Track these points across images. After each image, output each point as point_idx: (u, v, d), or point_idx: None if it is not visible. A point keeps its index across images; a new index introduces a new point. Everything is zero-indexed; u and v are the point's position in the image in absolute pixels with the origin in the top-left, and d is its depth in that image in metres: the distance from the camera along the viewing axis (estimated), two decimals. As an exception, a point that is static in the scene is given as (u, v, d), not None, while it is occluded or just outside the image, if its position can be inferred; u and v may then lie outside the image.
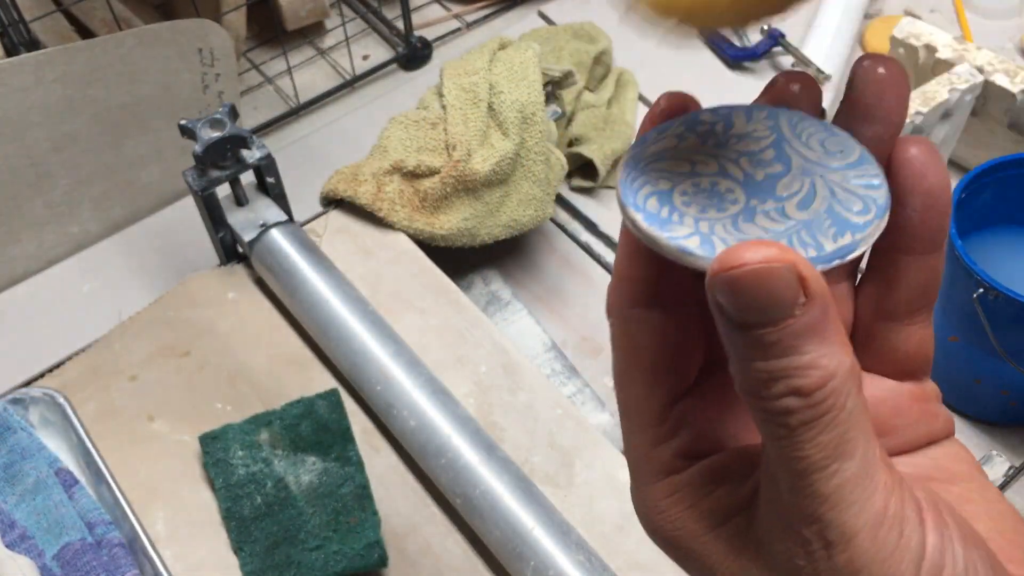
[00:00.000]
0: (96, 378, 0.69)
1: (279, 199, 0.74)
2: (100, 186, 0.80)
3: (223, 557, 0.60)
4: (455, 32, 1.02)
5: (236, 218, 0.73)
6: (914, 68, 0.81)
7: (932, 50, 0.79)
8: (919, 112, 0.73)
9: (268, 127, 0.91)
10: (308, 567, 0.58)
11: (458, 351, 0.70)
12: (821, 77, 0.89)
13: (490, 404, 0.68)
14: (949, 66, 0.78)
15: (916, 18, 0.84)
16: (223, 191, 0.71)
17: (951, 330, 0.67)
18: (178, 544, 0.61)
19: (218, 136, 0.67)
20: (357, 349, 0.66)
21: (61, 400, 0.64)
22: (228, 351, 0.70)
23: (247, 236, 0.72)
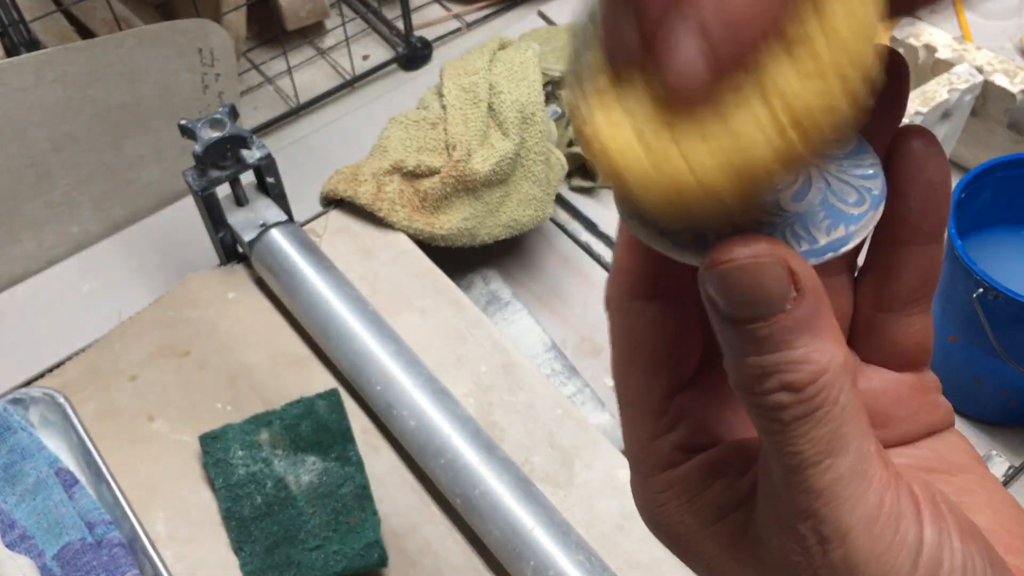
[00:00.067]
0: (96, 378, 0.69)
1: (279, 199, 0.74)
2: (100, 186, 0.80)
3: (223, 557, 0.60)
4: (455, 32, 1.02)
5: (236, 218, 0.73)
6: (914, 68, 0.81)
7: (932, 50, 0.79)
8: (919, 112, 0.73)
9: (268, 127, 0.91)
10: (308, 567, 0.58)
11: (458, 351, 0.70)
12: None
13: (490, 404, 0.68)
14: (949, 66, 0.78)
15: (916, 18, 0.84)
16: (223, 191, 0.71)
17: (951, 330, 0.67)
18: (178, 544, 0.61)
19: (218, 136, 0.67)
20: (357, 349, 0.66)
21: (61, 400, 0.64)
22: (228, 351, 0.70)
23: (247, 236, 0.72)
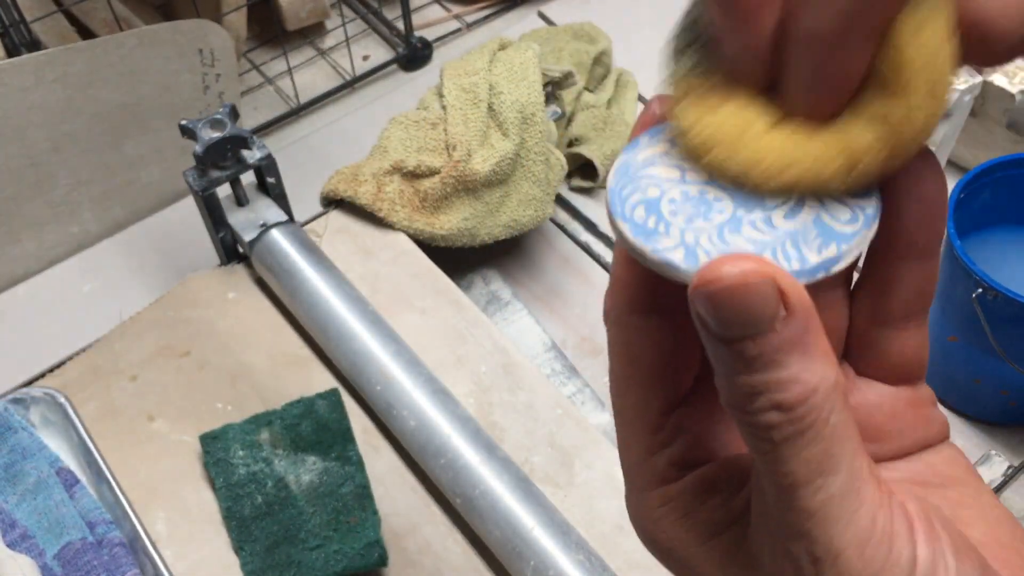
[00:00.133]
0: (97, 378, 0.69)
1: (279, 199, 0.74)
2: (100, 186, 0.80)
3: (223, 556, 0.60)
4: (455, 32, 1.02)
5: (236, 218, 0.73)
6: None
7: (931, 50, 0.79)
8: (918, 112, 0.73)
9: (268, 127, 0.91)
10: (308, 566, 0.58)
11: (458, 351, 0.70)
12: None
13: (490, 404, 0.68)
14: (948, 66, 0.78)
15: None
16: (223, 191, 0.71)
17: (951, 330, 0.67)
18: (179, 543, 0.61)
19: (218, 136, 0.67)
20: (357, 349, 0.66)
21: (62, 400, 0.64)
22: (228, 351, 0.71)
23: (247, 236, 0.72)
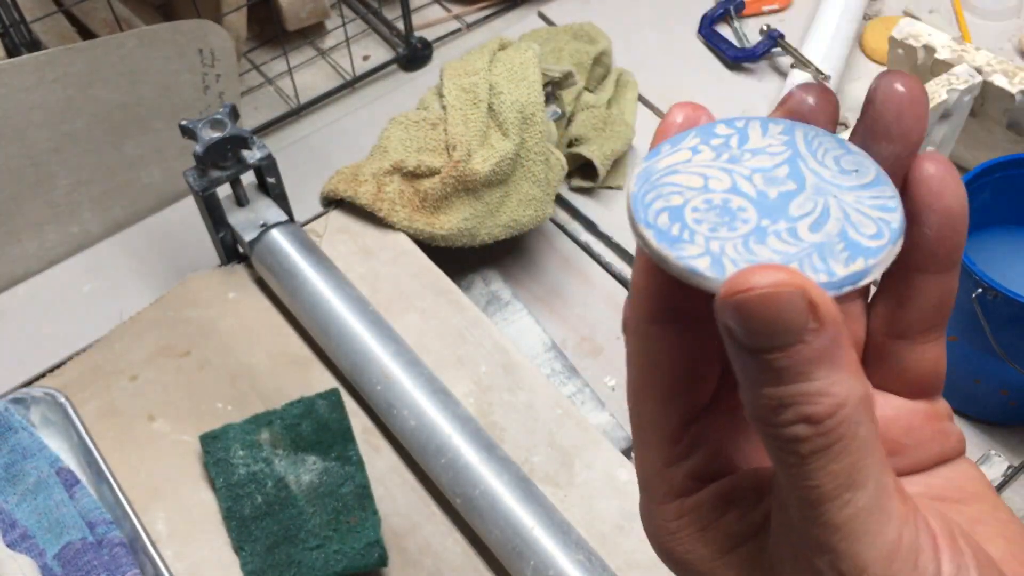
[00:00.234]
0: (97, 378, 0.69)
1: (279, 199, 0.74)
2: (101, 186, 0.80)
3: (224, 556, 0.60)
4: (455, 33, 1.02)
5: (237, 218, 0.73)
6: (913, 69, 0.81)
7: (931, 51, 0.79)
8: (918, 112, 0.73)
9: (268, 127, 0.91)
10: (308, 566, 0.58)
11: (458, 351, 0.70)
12: (820, 77, 0.89)
13: (490, 404, 0.68)
14: (948, 67, 0.78)
15: (915, 19, 0.84)
16: (224, 191, 0.71)
17: (951, 330, 0.67)
18: (179, 543, 0.61)
19: (219, 136, 0.67)
20: (357, 349, 0.67)
21: (62, 400, 0.64)
22: (228, 351, 0.71)
23: (248, 236, 0.72)
